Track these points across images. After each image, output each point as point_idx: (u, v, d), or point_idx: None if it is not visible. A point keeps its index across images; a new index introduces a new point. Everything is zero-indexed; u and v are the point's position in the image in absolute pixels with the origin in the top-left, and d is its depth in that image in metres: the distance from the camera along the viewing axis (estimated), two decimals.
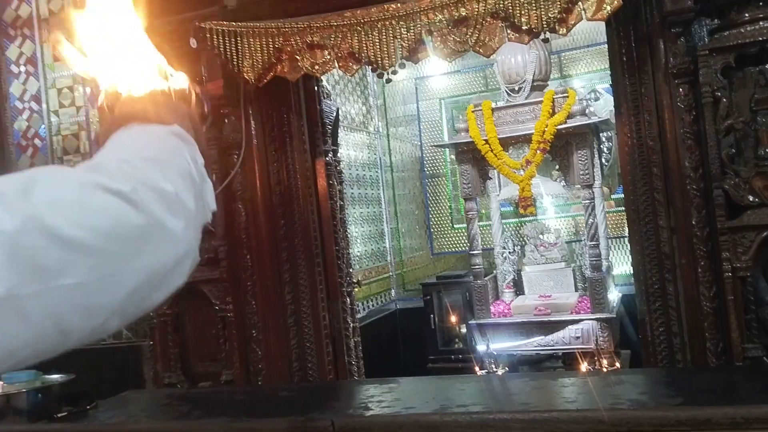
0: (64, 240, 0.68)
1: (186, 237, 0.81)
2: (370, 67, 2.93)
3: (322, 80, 3.67)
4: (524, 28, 2.65)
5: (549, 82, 5.11)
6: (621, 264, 5.60)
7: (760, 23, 2.45)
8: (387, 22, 2.84)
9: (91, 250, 0.70)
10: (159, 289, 0.81)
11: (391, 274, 6.30)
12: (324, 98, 3.77)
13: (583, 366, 4.38)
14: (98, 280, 0.71)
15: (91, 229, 0.70)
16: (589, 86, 5.87)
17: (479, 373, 4.70)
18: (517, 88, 4.94)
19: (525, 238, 5.58)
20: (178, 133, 0.92)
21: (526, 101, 4.87)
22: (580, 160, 4.59)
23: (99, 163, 0.82)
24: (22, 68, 4.03)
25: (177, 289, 0.84)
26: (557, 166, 4.89)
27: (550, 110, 4.65)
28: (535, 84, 4.93)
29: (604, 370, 4.32)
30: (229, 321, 3.22)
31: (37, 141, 4.01)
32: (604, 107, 5.48)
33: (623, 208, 3.30)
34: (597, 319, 4.61)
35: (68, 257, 0.68)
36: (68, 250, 0.68)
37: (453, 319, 5.49)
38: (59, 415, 2.31)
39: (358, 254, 5.58)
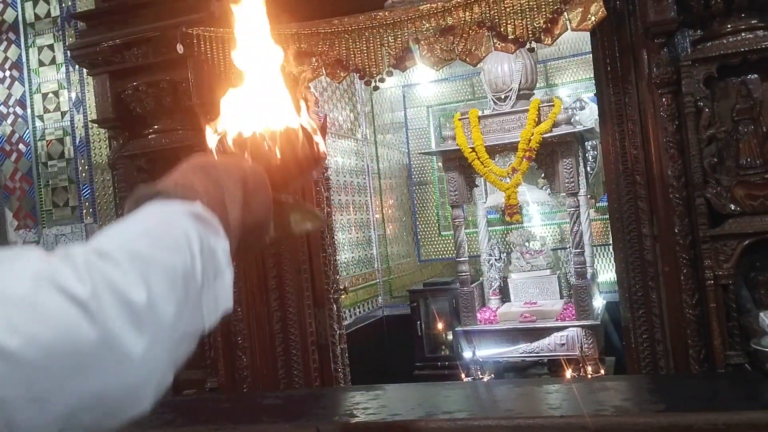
0: None
1: (148, 358, 0.66)
2: (357, 74, 2.95)
3: (309, 87, 3.68)
4: (510, 37, 2.68)
5: (535, 91, 5.16)
6: (606, 271, 5.64)
7: (742, 34, 2.49)
8: (374, 30, 2.86)
9: (22, 363, 0.59)
10: (109, 417, 0.66)
11: (378, 280, 6.29)
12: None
13: (568, 373, 4.41)
14: (23, 398, 0.59)
15: (29, 338, 0.59)
16: (575, 95, 5.92)
17: (465, 379, 4.70)
18: (503, 97, 4.98)
19: (511, 246, 5.61)
20: (197, 215, 0.78)
21: (513, 110, 4.91)
22: (566, 169, 4.63)
23: (70, 254, 0.68)
24: (7, 72, 4.00)
25: (143, 415, 0.68)
26: (543, 174, 4.93)
27: (536, 119, 4.69)
28: (521, 93, 4.97)
29: (589, 376, 4.35)
30: (215, 328, 3.20)
31: (21, 146, 3.98)
32: (589, 116, 5.53)
33: (608, 216, 3.34)
34: (582, 326, 4.64)
35: None
36: None
37: (440, 325, 5.50)
38: None
39: (345, 261, 5.57)
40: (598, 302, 5.08)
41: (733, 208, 2.52)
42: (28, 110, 3.97)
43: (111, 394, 0.65)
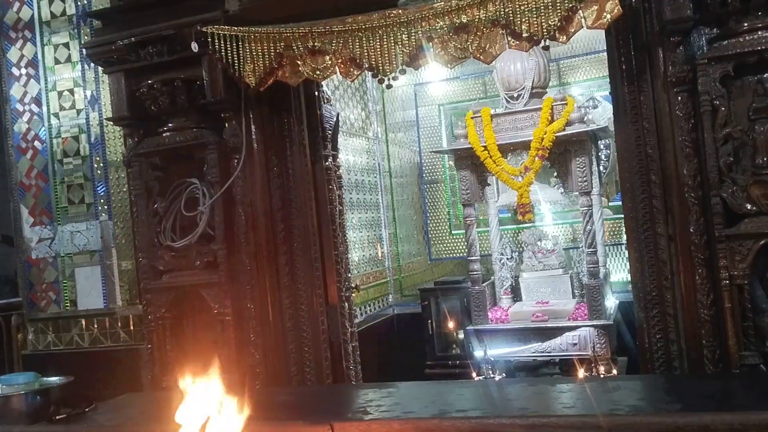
0: None
1: None
2: (370, 72, 2.95)
3: (322, 85, 3.69)
4: (525, 35, 2.66)
5: (548, 90, 5.13)
6: (618, 271, 5.61)
7: (759, 33, 2.47)
8: (388, 28, 2.86)
9: None
10: None
11: (389, 279, 6.30)
12: (324, 103, 3.78)
13: (581, 373, 4.38)
14: None
15: None
16: (588, 94, 5.89)
17: (476, 379, 4.69)
18: (516, 95, 4.96)
19: (523, 245, 5.59)
20: None
21: (525, 108, 4.88)
22: (579, 167, 4.60)
23: None
24: (23, 70, 4.03)
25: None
26: (555, 173, 4.90)
27: (549, 117, 4.66)
28: (534, 91, 4.95)
29: (602, 376, 4.33)
30: (228, 325, 3.22)
31: (37, 143, 4.02)
32: (602, 115, 5.50)
33: (621, 216, 3.32)
34: (594, 326, 4.61)
35: None
36: None
37: (450, 324, 5.49)
38: (58, 417, 2.31)
39: (357, 259, 5.58)
40: (611, 302, 5.05)
41: (749, 207, 2.50)
42: (44, 108, 4.00)
43: None
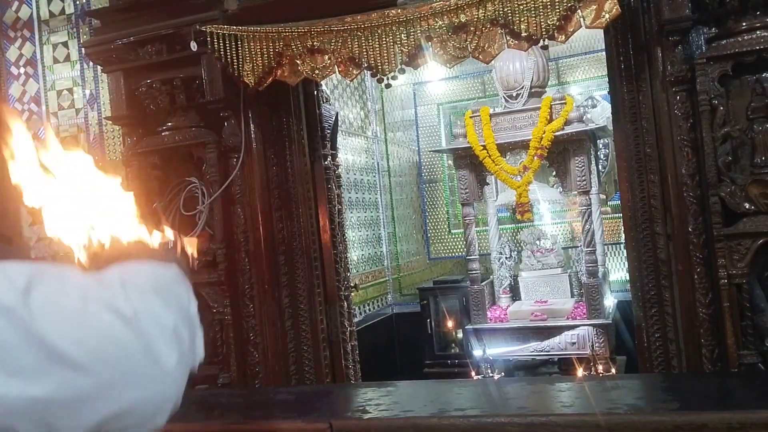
0: (50, 349, 0.65)
1: (176, 373, 0.77)
2: (369, 72, 2.95)
3: (321, 84, 3.69)
4: (523, 35, 2.66)
5: (547, 89, 5.14)
6: (617, 270, 5.63)
7: (758, 32, 2.48)
8: (387, 28, 2.86)
9: (74, 366, 0.66)
10: (134, 428, 0.74)
11: (387, 278, 6.31)
12: (323, 102, 3.79)
13: (579, 372, 4.39)
14: (67, 401, 0.67)
15: (81, 345, 0.67)
16: (587, 93, 5.90)
17: (475, 378, 4.70)
18: (515, 95, 4.97)
19: (522, 244, 5.60)
20: (179, 272, 0.92)
21: (524, 107, 4.89)
22: (577, 167, 4.61)
23: (105, 279, 0.78)
24: (22, 70, 4.03)
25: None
26: (554, 173, 4.91)
27: (548, 117, 4.67)
28: (533, 90, 4.96)
29: (600, 375, 4.33)
30: (227, 324, 3.22)
31: None
32: (601, 114, 5.51)
33: (620, 215, 3.33)
34: (593, 325, 4.62)
35: (44, 367, 0.65)
36: (49, 360, 0.65)
37: (449, 323, 5.50)
38: None
39: (356, 258, 5.58)
40: (610, 301, 5.06)
41: (747, 206, 2.51)
42: (43, 107, 4.00)
43: (145, 403, 0.74)
